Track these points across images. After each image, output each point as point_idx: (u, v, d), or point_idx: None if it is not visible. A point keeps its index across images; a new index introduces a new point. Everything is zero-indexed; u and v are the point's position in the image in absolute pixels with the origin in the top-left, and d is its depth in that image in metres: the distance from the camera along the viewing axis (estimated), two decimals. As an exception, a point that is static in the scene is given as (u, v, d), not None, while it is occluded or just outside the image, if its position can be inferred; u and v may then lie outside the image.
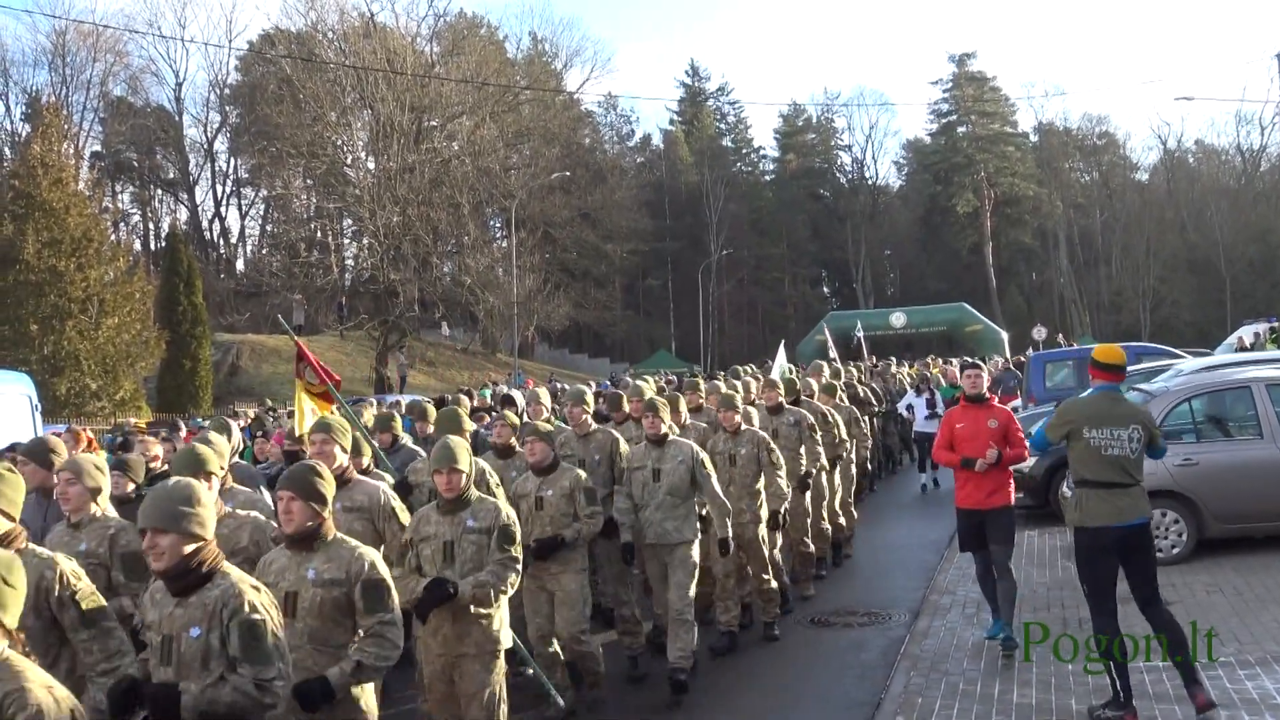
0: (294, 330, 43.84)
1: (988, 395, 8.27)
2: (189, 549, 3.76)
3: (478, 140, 49.10)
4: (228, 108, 62.40)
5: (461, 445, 5.67)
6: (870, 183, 78.40)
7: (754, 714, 7.43)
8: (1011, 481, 8.15)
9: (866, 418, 15.75)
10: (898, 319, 52.70)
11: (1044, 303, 70.61)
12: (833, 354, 24.66)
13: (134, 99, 60.67)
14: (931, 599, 9.82)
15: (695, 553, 7.80)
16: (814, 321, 55.24)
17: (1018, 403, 21.77)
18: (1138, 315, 65.13)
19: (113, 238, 39.28)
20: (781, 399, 10.55)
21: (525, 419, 9.29)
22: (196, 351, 37.33)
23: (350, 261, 51.75)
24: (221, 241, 65.28)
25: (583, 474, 7.42)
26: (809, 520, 10.53)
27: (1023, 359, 30.86)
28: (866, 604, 10.03)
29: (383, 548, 5.74)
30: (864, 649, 8.65)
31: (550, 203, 56.25)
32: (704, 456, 7.91)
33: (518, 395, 14.61)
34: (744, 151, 76.95)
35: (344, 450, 6.18)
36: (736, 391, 10.46)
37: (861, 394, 16.28)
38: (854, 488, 13.06)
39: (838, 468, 11.78)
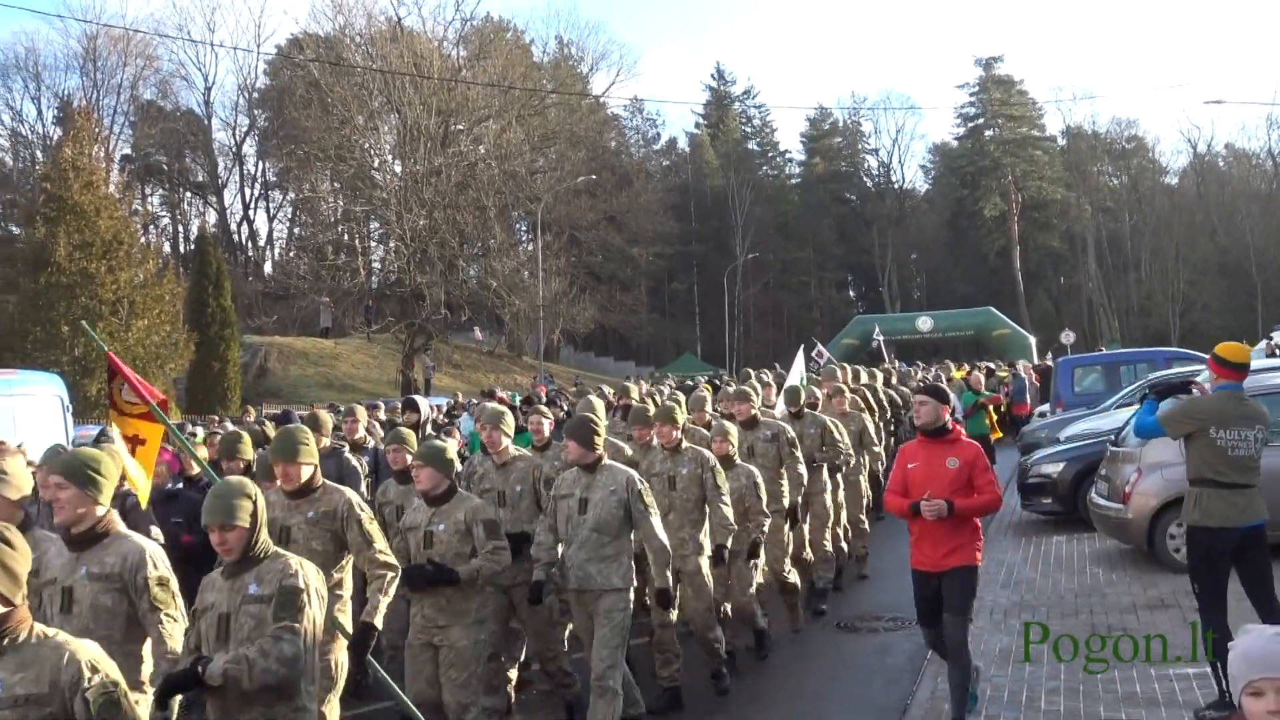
0: (321, 332, 44.00)
1: (949, 426, 6.52)
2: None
3: (504, 144, 49.24)
4: (256, 111, 62.87)
5: (240, 489, 4.27)
6: (897, 186, 78.19)
7: (780, 718, 7.42)
8: (979, 537, 6.51)
9: (891, 426, 15.35)
10: (924, 323, 52.46)
11: (1072, 307, 70.16)
12: (888, 358, 24.77)
13: (164, 103, 61.24)
14: (958, 604, 9.76)
15: (626, 604, 6.50)
16: (840, 325, 55.09)
17: (1044, 408, 21.69)
18: (1167, 320, 64.65)
19: (143, 240, 39.53)
20: (755, 411, 9.29)
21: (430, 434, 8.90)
22: (225, 353, 37.60)
23: (377, 264, 52.01)
24: (250, 244, 65.76)
25: (482, 504, 6.26)
26: (790, 549, 9.29)
27: (1049, 364, 30.70)
28: (893, 608, 9.98)
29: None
30: (890, 654, 8.61)
31: (576, 206, 56.34)
32: (643, 488, 6.59)
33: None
34: (770, 155, 76.88)
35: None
36: (703, 399, 10.07)
37: (884, 399, 15.38)
38: (866, 502, 12.01)
39: (840, 483, 10.76)
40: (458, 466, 6.62)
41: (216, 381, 36.91)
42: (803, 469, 8.78)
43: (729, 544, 7.64)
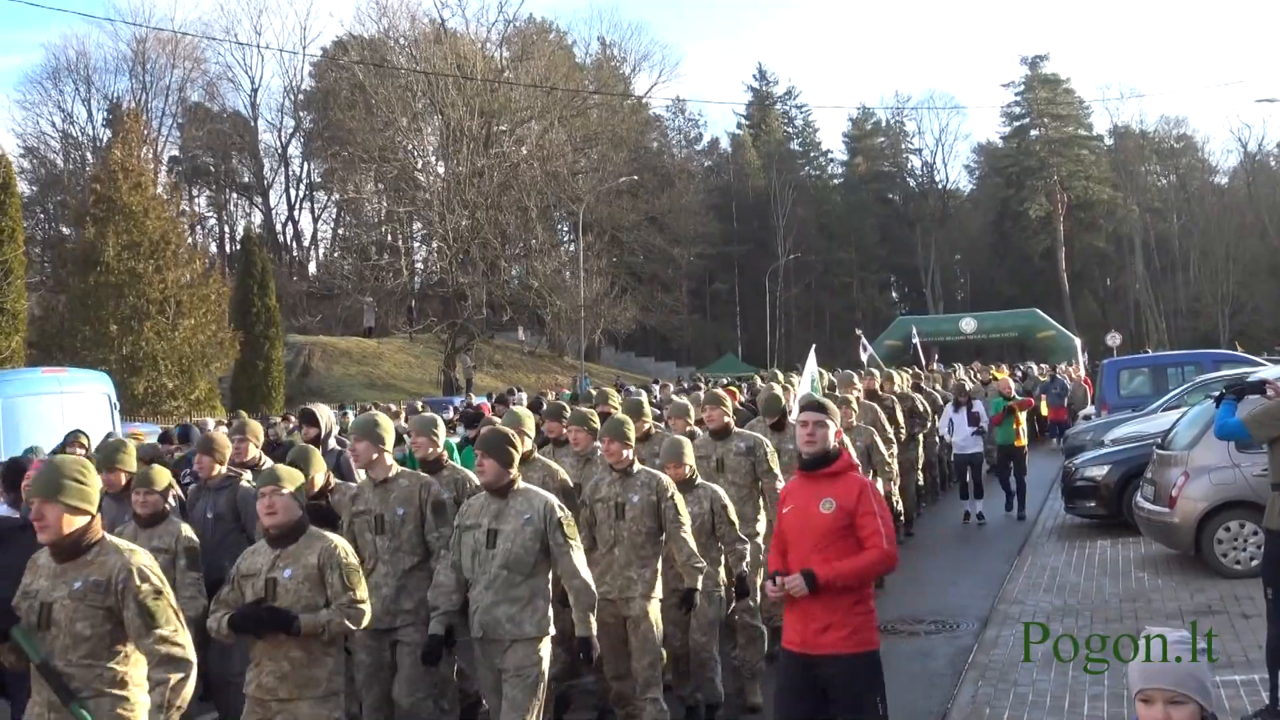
0: (364, 332, 44.44)
1: (836, 453, 4.90)
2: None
3: (546, 144, 49.39)
4: (301, 113, 63.48)
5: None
6: (940, 186, 77.68)
7: (819, 721, 7.37)
8: (871, 610, 4.78)
9: (919, 434, 14.40)
10: (968, 325, 52.05)
11: (1119, 309, 69.36)
12: (926, 359, 24.47)
13: (211, 105, 61.98)
14: (1000, 608, 9.68)
15: (540, 658, 5.43)
16: (883, 326, 54.76)
17: (1090, 409, 21.44)
18: (1216, 321, 63.71)
19: (189, 240, 40.13)
20: (729, 419, 7.91)
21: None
22: (270, 352, 38.00)
23: (420, 265, 52.40)
24: (294, 244, 66.44)
25: (341, 545, 4.92)
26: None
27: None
28: (934, 612, 9.90)
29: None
30: (931, 657, 8.54)
31: (618, 206, 56.40)
32: (563, 516, 5.51)
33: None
34: (812, 155, 76.61)
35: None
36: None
37: (916, 405, 14.28)
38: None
39: None
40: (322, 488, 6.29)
41: (261, 380, 37.30)
42: (778, 481, 7.41)
43: (699, 585, 6.41)
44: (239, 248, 53.11)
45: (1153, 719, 2.75)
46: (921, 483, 15.21)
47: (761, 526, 7.76)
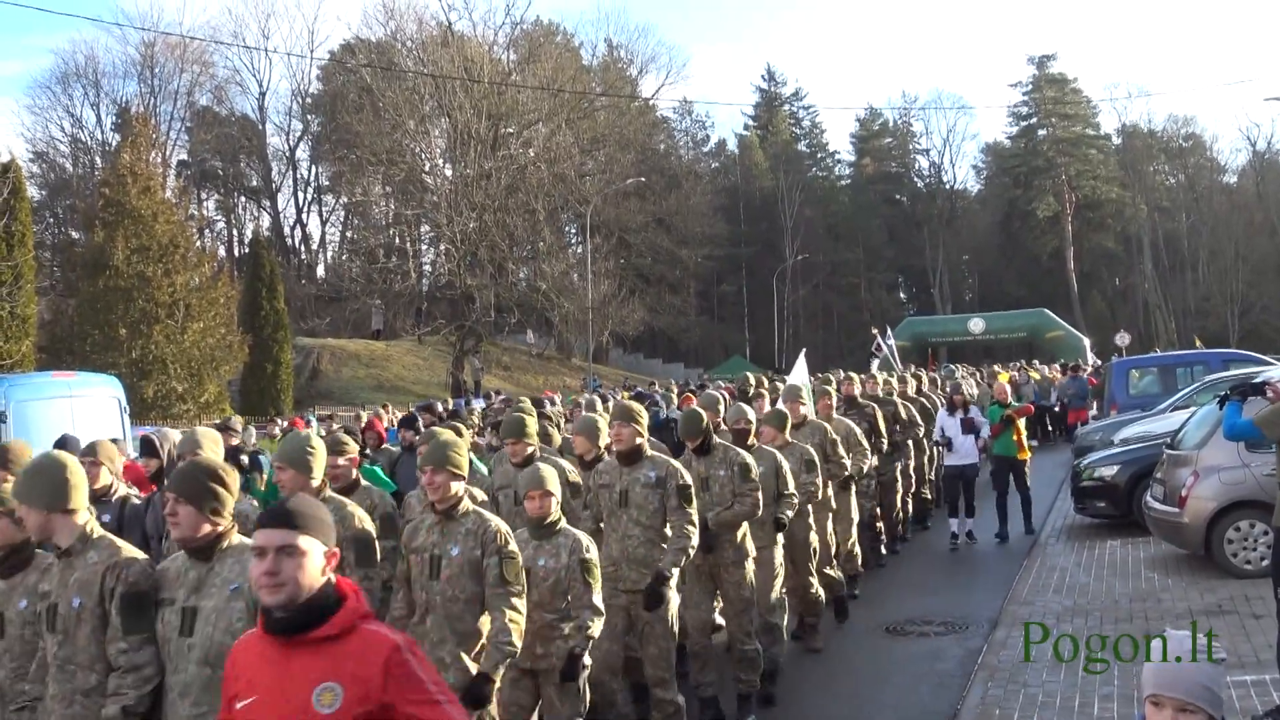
0: (372, 335, 44.63)
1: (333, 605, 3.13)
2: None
3: (553, 147, 49.42)
4: (309, 116, 63.58)
5: None
6: (948, 187, 77.57)
7: (828, 722, 7.39)
8: None
9: (901, 442, 13.04)
10: (976, 325, 52.01)
11: (1127, 308, 69.21)
12: (897, 367, 24.02)
13: (219, 108, 62.14)
14: (1010, 609, 9.67)
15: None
16: (891, 327, 54.68)
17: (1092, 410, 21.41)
18: (1225, 321, 63.54)
19: (198, 244, 40.20)
20: (642, 440, 6.59)
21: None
22: (278, 355, 38.07)
23: (427, 267, 52.43)
24: (303, 247, 66.51)
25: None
26: (750, 613, 7.33)
27: (1080, 365, 30.26)
28: (943, 613, 9.89)
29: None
30: (941, 659, 8.53)
31: (625, 208, 56.41)
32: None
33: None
34: (819, 156, 76.57)
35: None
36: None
37: (894, 413, 12.73)
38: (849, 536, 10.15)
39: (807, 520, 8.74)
40: None
41: (270, 383, 37.37)
42: (692, 527, 6.38)
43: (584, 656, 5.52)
44: (247, 251, 53.17)
45: None
46: (928, 495, 14.65)
47: (675, 569, 6.40)
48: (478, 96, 45.97)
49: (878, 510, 12.07)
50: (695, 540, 6.44)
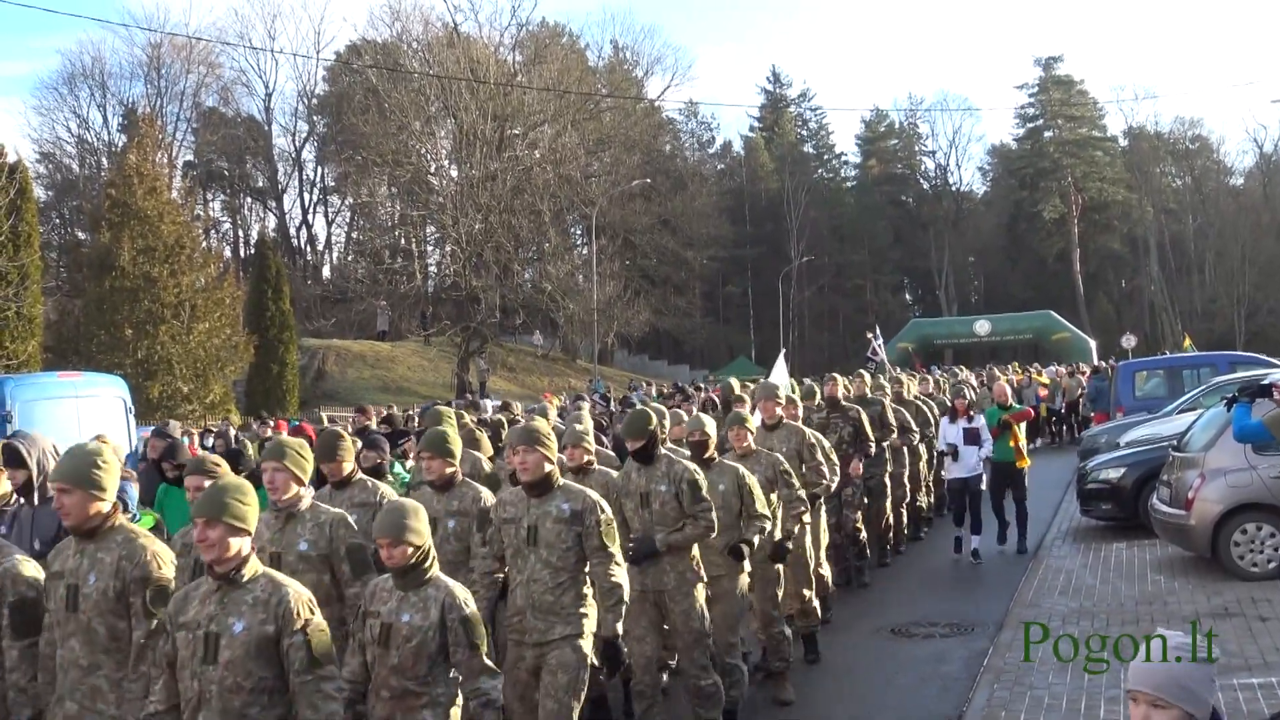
0: (378, 335, 44.52)
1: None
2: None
3: (559, 148, 49.42)
4: (315, 117, 63.63)
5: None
6: (954, 188, 77.47)
7: (833, 724, 7.37)
8: None
9: (903, 449, 12.59)
10: (982, 327, 51.96)
11: (1133, 310, 69.09)
12: (888, 369, 23.60)
13: (225, 109, 62.18)
14: (1015, 611, 9.65)
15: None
16: (897, 328, 54.64)
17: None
18: (1232, 323, 63.40)
19: (204, 245, 40.20)
20: (552, 466, 5.69)
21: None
22: (284, 356, 38.07)
23: (433, 268, 52.43)
24: (308, 248, 66.56)
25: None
26: (704, 644, 6.58)
27: (1104, 366, 30.21)
28: (949, 615, 9.88)
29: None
30: (946, 661, 8.52)
31: (631, 210, 56.41)
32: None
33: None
34: (825, 157, 76.51)
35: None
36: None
37: (881, 415, 11.78)
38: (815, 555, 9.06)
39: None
40: None
41: (275, 384, 37.37)
42: (618, 570, 5.56)
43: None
44: (253, 252, 53.25)
45: (1136, 719, 2.82)
46: (923, 505, 14.09)
47: (589, 623, 5.55)
48: (483, 98, 45.98)
49: (859, 521, 11.06)
50: (626, 588, 5.54)
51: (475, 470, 7.46)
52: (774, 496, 7.61)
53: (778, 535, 7.57)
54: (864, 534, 11.30)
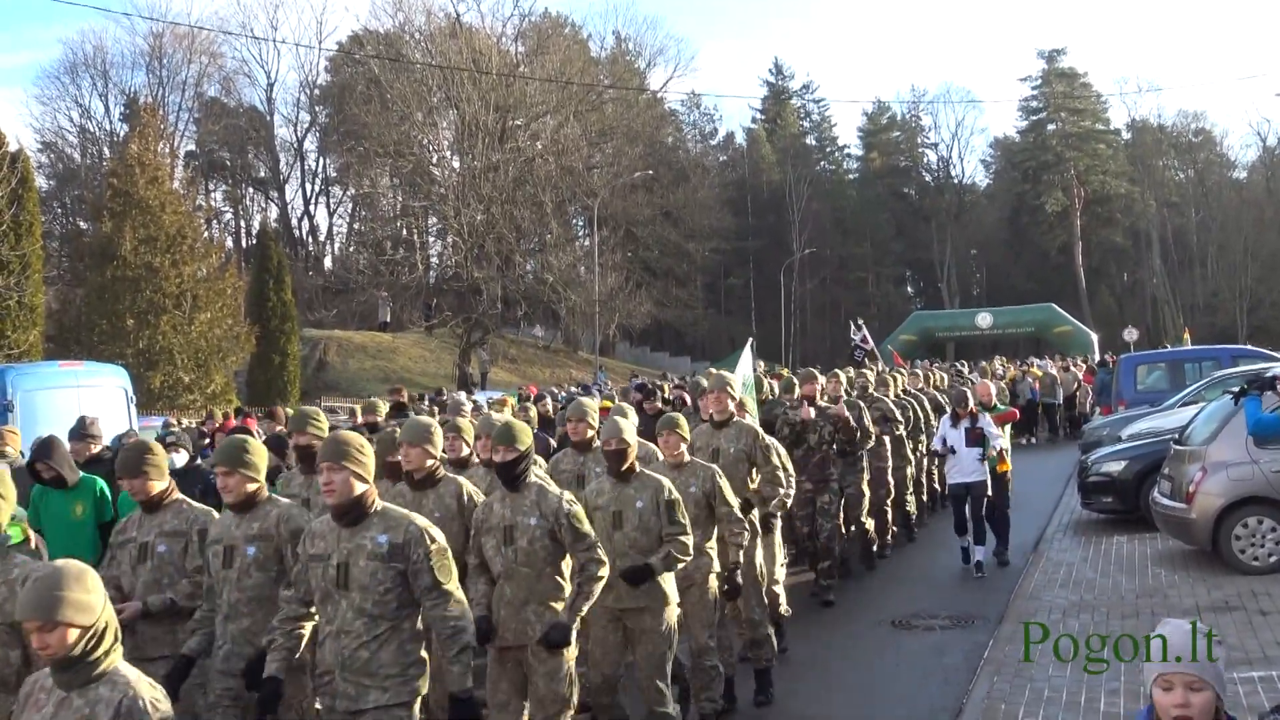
0: (379, 326, 44.59)
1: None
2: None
3: (561, 139, 49.37)
4: (317, 108, 63.54)
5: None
6: (956, 181, 77.34)
7: (836, 716, 7.38)
8: None
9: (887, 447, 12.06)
10: (984, 320, 51.90)
11: (1135, 304, 69.03)
12: (877, 355, 23.44)
13: (227, 99, 62.08)
14: (1016, 604, 9.66)
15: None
16: (899, 321, 54.65)
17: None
18: (1234, 317, 63.35)
19: (206, 235, 40.20)
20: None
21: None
22: (285, 346, 38.08)
23: (435, 259, 52.40)
24: (310, 239, 66.50)
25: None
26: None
27: (1108, 359, 30.19)
28: (950, 608, 9.89)
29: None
30: (947, 653, 8.52)
31: (633, 201, 56.37)
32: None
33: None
34: (828, 150, 76.39)
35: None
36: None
37: (857, 417, 10.56)
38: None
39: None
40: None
41: (277, 374, 37.39)
42: (457, 610, 4.53)
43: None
44: (255, 242, 53.24)
45: (1172, 703, 2.82)
46: (911, 509, 13.37)
47: (418, 686, 4.64)
48: (486, 88, 45.93)
49: (838, 529, 10.38)
50: (471, 631, 4.54)
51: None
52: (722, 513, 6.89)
53: (714, 567, 6.78)
54: (837, 548, 10.35)
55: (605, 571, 5.48)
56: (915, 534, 13.60)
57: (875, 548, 11.95)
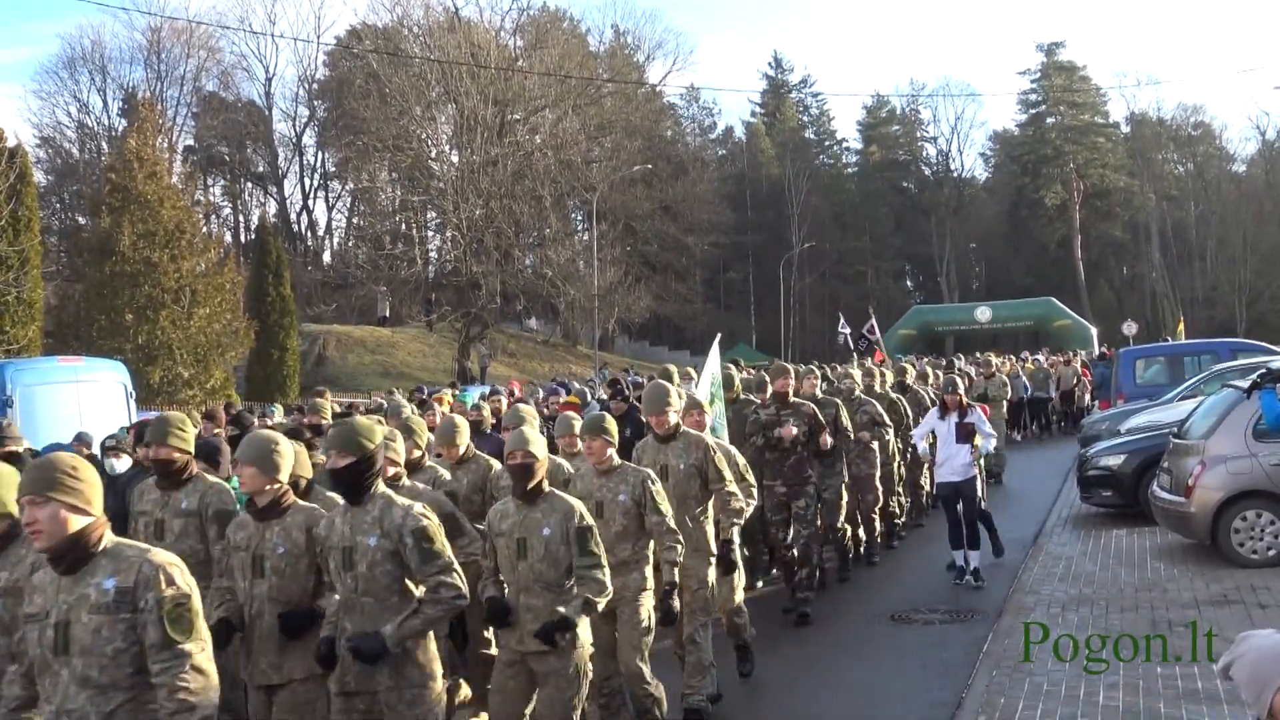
0: (379, 321, 44.58)
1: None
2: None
3: (560, 133, 49.34)
4: (316, 102, 63.46)
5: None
6: (955, 175, 77.30)
7: (834, 710, 7.38)
8: None
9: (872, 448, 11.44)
10: (983, 314, 51.92)
11: (1135, 297, 69.03)
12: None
13: (225, 94, 61.98)
14: (1015, 597, 9.66)
15: None
16: (898, 315, 54.63)
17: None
18: (1233, 310, 63.36)
19: (204, 230, 40.14)
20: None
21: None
22: (285, 341, 38.08)
23: (434, 254, 52.42)
24: (309, 234, 66.45)
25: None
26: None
27: (1106, 353, 30.19)
28: (949, 602, 9.90)
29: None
30: (946, 647, 8.53)
31: (631, 195, 56.33)
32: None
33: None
34: (827, 144, 76.35)
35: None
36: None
37: (833, 417, 10.02)
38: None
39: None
40: None
41: (276, 369, 37.39)
42: (192, 680, 3.57)
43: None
44: (254, 237, 53.18)
45: None
46: (896, 510, 12.82)
47: None
48: (484, 82, 45.89)
49: (817, 537, 9.72)
50: (213, 703, 3.56)
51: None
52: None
53: (647, 605, 6.19)
54: (816, 557, 9.67)
55: (460, 601, 4.66)
56: (896, 542, 12.79)
57: (863, 551, 11.69)
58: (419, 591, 4.64)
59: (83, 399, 14.21)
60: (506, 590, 5.43)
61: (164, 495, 5.71)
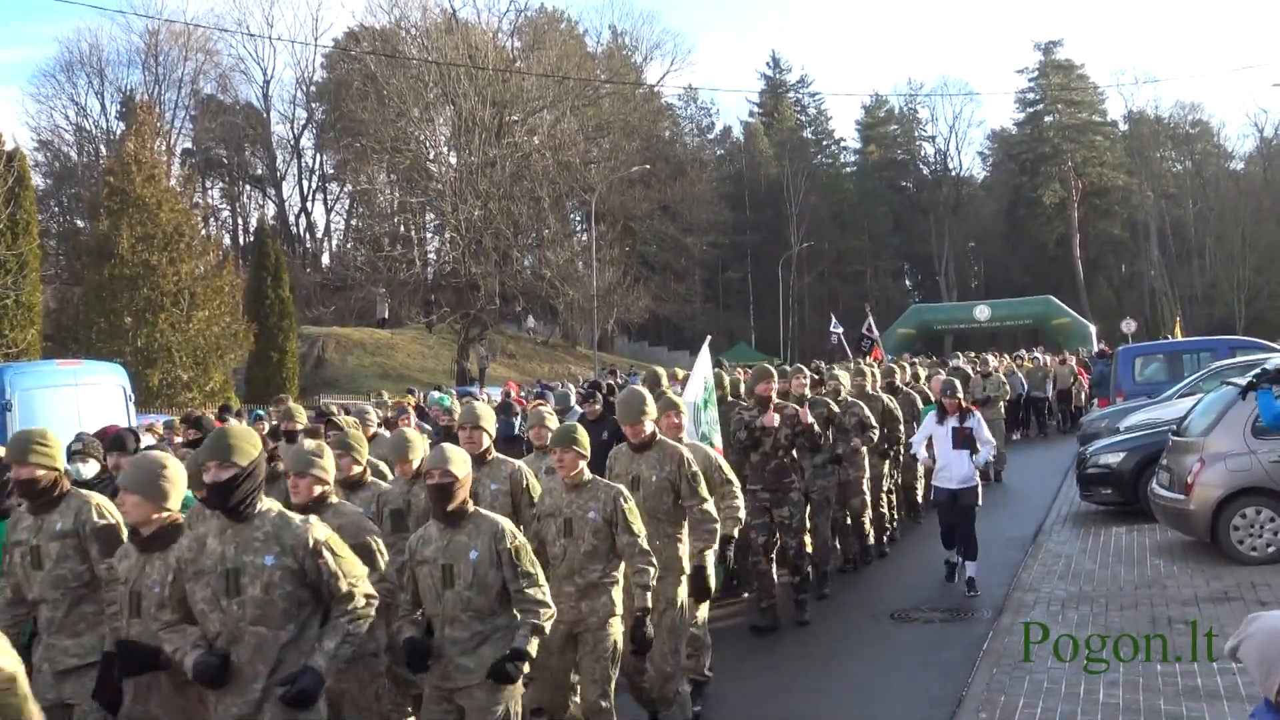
0: (378, 323, 44.65)
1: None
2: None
3: (558, 134, 49.34)
4: (314, 104, 63.49)
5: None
6: (954, 174, 77.31)
7: (834, 709, 7.38)
8: None
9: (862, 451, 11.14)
10: (981, 312, 51.91)
11: (1133, 295, 69.05)
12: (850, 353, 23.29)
13: (223, 97, 62.01)
14: (1015, 595, 9.66)
15: None
16: (896, 315, 54.60)
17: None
18: (1232, 308, 63.37)
19: (203, 232, 40.22)
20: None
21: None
22: (284, 343, 38.11)
23: (432, 255, 52.38)
24: (308, 236, 66.47)
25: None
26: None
27: (1106, 350, 30.16)
28: (948, 600, 9.90)
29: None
30: (946, 646, 8.53)
31: (630, 196, 56.35)
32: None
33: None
34: (825, 143, 76.36)
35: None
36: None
37: (823, 416, 9.76)
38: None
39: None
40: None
41: (275, 371, 37.42)
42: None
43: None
44: (252, 239, 53.20)
45: None
46: (886, 513, 12.45)
47: None
48: (482, 84, 45.88)
49: (804, 545, 9.41)
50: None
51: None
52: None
53: (615, 632, 5.80)
54: (805, 565, 9.37)
55: (374, 603, 4.41)
56: (887, 548, 12.31)
57: (855, 559, 11.50)
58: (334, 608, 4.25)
59: (82, 402, 14.20)
60: (432, 624, 4.98)
61: (37, 520, 5.04)
